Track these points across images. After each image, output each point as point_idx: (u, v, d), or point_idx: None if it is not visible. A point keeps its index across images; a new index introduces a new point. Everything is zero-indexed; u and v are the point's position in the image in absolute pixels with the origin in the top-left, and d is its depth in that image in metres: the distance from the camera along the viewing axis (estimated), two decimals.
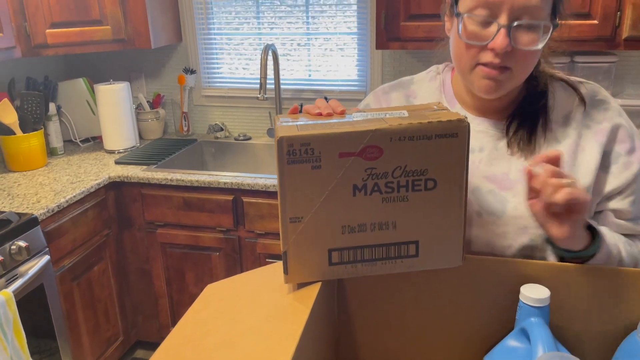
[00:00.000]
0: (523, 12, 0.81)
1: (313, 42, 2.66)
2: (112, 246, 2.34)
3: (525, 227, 0.91)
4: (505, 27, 0.81)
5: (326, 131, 0.70)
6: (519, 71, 0.86)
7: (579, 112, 0.94)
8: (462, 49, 0.87)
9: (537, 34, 0.82)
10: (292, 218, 0.72)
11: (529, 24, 0.81)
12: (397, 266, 0.76)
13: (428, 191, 0.73)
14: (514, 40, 0.82)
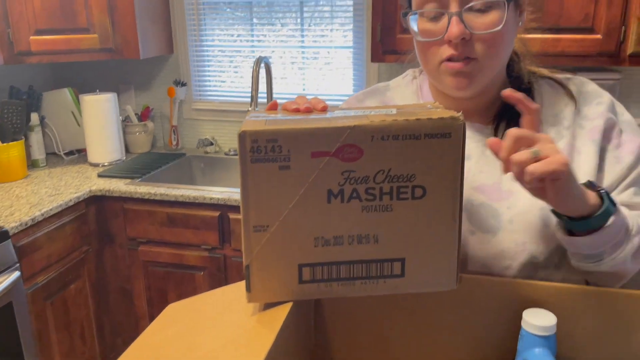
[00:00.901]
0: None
1: (307, 55, 2.58)
2: (91, 263, 2.22)
3: (523, 243, 0.81)
4: (456, 14, 0.75)
5: (296, 126, 0.60)
6: (485, 60, 0.78)
7: (570, 110, 0.86)
8: (423, 50, 0.82)
9: (496, 14, 0.75)
10: (256, 227, 0.62)
11: (482, 4, 0.75)
12: (379, 287, 0.65)
13: (416, 200, 0.63)
14: (470, 26, 0.76)
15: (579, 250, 0.73)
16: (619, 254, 0.73)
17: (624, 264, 0.74)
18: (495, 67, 0.81)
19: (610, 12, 1.84)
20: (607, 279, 0.78)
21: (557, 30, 1.90)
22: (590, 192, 0.70)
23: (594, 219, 0.70)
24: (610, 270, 0.75)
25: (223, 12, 2.63)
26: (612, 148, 0.84)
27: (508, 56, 0.84)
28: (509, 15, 0.76)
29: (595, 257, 0.73)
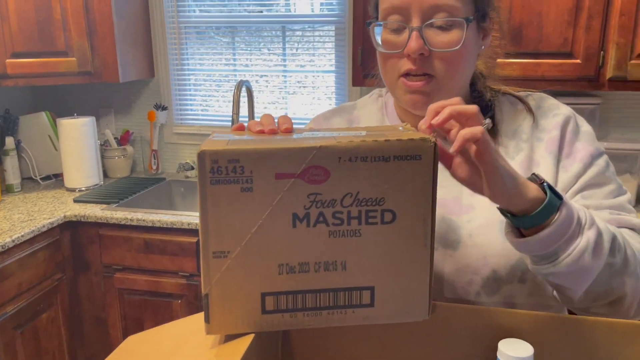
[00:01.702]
0: (435, 11, 0.75)
1: (290, 79, 2.57)
2: (65, 291, 2.15)
3: (485, 257, 0.81)
4: (417, 29, 0.75)
5: (260, 146, 0.57)
6: (444, 78, 0.78)
7: (528, 123, 0.86)
8: (383, 61, 0.82)
9: (456, 34, 0.76)
10: (216, 253, 0.58)
11: (444, 22, 0.75)
12: (347, 317, 0.62)
13: (385, 225, 0.60)
14: (429, 42, 0.76)
15: (532, 251, 0.68)
16: (574, 249, 0.67)
17: (581, 260, 0.67)
18: (454, 87, 0.80)
19: (589, 37, 1.85)
20: (570, 280, 0.71)
21: (537, 55, 1.91)
22: (532, 185, 0.66)
23: (537, 213, 0.65)
24: (569, 270, 0.68)
25: (205, 37, 2.62)
26: (564, 157, 0.84)
27: (469, 76, 0.84)
28: (470, 36, 0.77)
29: (550, 257, 0.68)
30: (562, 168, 0.84)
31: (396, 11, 0.77)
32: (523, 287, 0.83)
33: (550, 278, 0.71)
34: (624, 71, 1.85)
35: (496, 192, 0.64)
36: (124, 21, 2.37)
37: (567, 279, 0.70)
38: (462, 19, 0.75)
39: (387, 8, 0.78)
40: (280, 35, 2.53)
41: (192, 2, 2.58)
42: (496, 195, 0.64)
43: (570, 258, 0.67)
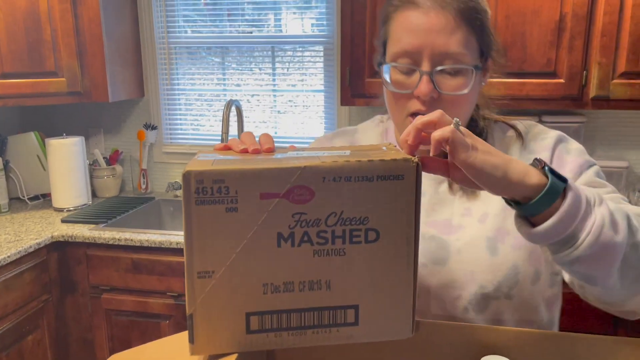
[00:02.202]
0: (445, 58, 0.79)
1: (279, 98, 2.59)
2: (51, 313, 2.12)
3: (472, 273, 0.84)
4: (427, 73, 0.79)
5: (245, 167, 0.57)
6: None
7: (517, 147, 0.90)
8: (391, 100, 0.85)
9: (464, 79, 0.80)
10: (201, 273, 0.58)
11: (452, 69, 0.79)
12: (332, 336, 0.62)
13: (369, 244, 0.61)
14: (439, 86, 0.80)
15: (549, 238, 0.65)
16: (592, 226, 0.64)
17: (602, 236, 0.64)
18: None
19: (572, 57, 1.89)
20: (597, 263, 0.66)
21: (522, 75, 1.94)
22: (532, 171, 0.64)
23: (541, 197, 0.63)
24: (593, 250, 0.64)
25: (196, 57, 2.64)
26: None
27: (471, 113, 0.88)
28: (476, 81, 0.82)
29: (570, 241, 0.64)
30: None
31: (407, 55, 0.80)
32: (510, 304, 0.85)
33: (577, 268, 0.67)
34: (607, 90, 1.88)
35: (487, 185, 0.63)
36: (114, 42, 2.39)
37: (593, 262, 0.66)
38: (470, 67, 0.80)
39: (398, 51, 0.81)
40: (270, 55, 2.56)
41: (184, 23, 2.61)
42: (490, 188, 0.64)
43: (591, 236, 0.63)
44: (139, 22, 2.59)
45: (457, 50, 0.78)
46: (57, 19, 2.23)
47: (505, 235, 0.87)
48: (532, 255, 0.86)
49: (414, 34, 0.80)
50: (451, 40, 0.78)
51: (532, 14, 1.89)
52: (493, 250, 0.85)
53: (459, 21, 0.79)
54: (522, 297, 0.85)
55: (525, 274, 0.86)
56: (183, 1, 2.58)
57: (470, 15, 0.79)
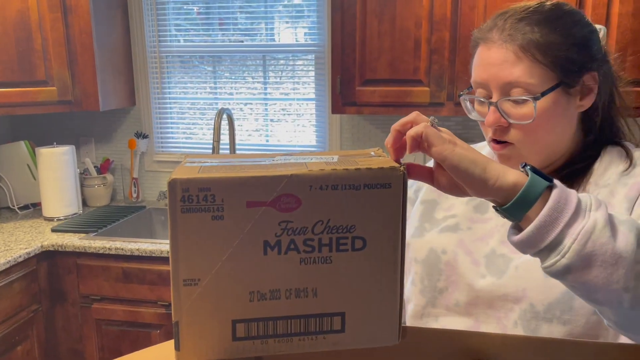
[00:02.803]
0: (511, 87, 0.83)
1: (271, 107, 2.60)
2: (41, 323, 2.11)
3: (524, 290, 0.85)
4: (493, 103, 0.84)
5: (231, 174, 0.58)
6: (524, 145, 0.85)
7: (619, 170, 0.86)
8: (481, 126, 0.91)
9: (529, 109, 0.82)
10: (187, 280, 0.58)
11: (516, 99, 0.82)
12: (318, 343, 0.62)
13: (356, 252, 0.61)
14: (507, 114, 0.84)
15: (534, 243, 0.62)
16: (580, 231, 0.60)
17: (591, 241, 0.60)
18: (539, 151, 0.86)
19: None
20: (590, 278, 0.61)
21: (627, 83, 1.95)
22: (512, 171, 0.63)
23: (521, 194, 0.61)
24: (583, 260, 0.60)
25: (187, 65, 2.64)
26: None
27: (562, 136, 0.87)
28: (547, 107, 0.82)
29: (556, 246, 0.61)
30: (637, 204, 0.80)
31: (480, 86, 0.87)
32: (564, 330, 0.82)
33: (572, 281, 0.62)
34: None
35: (468, 182, 0.62)
36: (105, 51, 2.39)
37: (586, 273, 0.61)
38: (530, 98, 0.81)
39: (474, 82, 0.88)
40: (261, 64, 2.57)
41: (177, 32, 2.62)
42: (469, 185, 0.63)
43: (578, 242, 0.59)
44: (130, 31, 2.60)
45: (519, 80, 0.82)
46: (48, 29, 2.23)
47: None
48: None
49: (482, 68, 0.86)
50: (514, 71, 0.82)
51: None
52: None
53: (521, 54, 0.82)
54: (580, 324, 0.80)
55: (583, 302, 0.74)
56: (175, 10, 2.59)
57: (534, 48, 0.82)
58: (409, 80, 2.04)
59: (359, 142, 2.48)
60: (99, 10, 2.33)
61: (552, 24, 0.83)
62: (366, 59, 2.06)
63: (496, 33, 0.84)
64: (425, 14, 1.98)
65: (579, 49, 0.83)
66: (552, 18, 0.83)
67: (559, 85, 0.82)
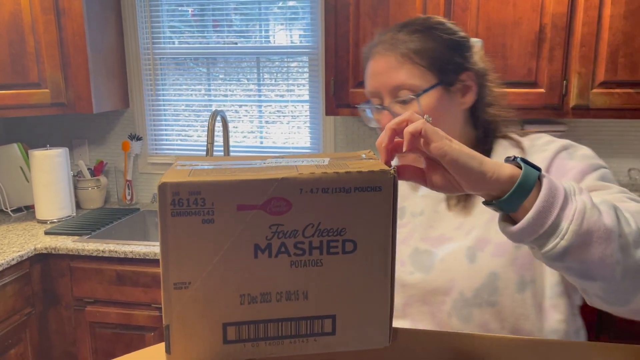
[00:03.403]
0: (399, 89, 0.92)
1: (265, 108, 2.60)
2: (34, 326, 2.10)
3: (452, 280, 0.89)
4: (385, 107, 0.94)
5: (221, 178, 0.58)
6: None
7: None
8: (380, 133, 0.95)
9: (415, 106, 0.91)
10: (177, 284, 0.58)
11: (404, 100, 0.92)
12: (309, 346, 0.62)
13: (346, 255, 0.61)
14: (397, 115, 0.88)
15: (532, 232, 0.63)
16: (574, 213, 0.63)
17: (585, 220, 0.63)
18: None
19: (552, 67, 1.92)
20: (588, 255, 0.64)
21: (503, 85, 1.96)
22: (506, 164, 0.65)
23: (518, 185, 0.63)
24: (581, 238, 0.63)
25: (180, 67, 2.64)
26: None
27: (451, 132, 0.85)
28: (430, 103, 0.91)
29: (554, 231, 0.63)
30: None
31: (374, 95, 0.96)
32: (494, 311, 0.87)
33: (569, 262, 0.64)
34: (586, 100, 1.92)
35: (467, 177, 0.63)
36: (99, 53, 2.39)
37: (584, 251, 0.63)
38: (414, 95, 0.91)
39: (368, 93, 0.97)
40: (255, 66, 2.57)
41: (171, 34, 2.61)
42: (467, 179, 0.63)
43: (574, 223, 0.62)
44: (124, 33, 2.60)
45: (404, 82, 0.91)
46: (41, 31, 2.23)
47: (486, 244, 0.89)
48: (515, 262, 0.87)
49: (372, 78, 0.95)
50: (398, 75, 0.92)
51: (513, 26, 1.92)
52: (472, 258, 0.89)
53: (402, 60, 0.92)
54: (506, 304, 0.86)
55: (506, 282, 0.87)
56: (169, 12, 2.59)
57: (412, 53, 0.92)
58: None
59: (353, 144, 2.48)
60: (92, 13, 2.33)
61: (426, 32, 0.94)
62: (360, 60, 2.06)
63: (380, 46, 0.95)
64: None
65: (452, 52, 0.94)
66: (425, 27, 0.94)
67: (439, 84, 0.92)
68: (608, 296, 0.69)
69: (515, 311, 0.86)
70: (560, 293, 0.87)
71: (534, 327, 0.87)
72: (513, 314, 0.87)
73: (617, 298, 0.69)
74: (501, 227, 0.67)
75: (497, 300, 0.86)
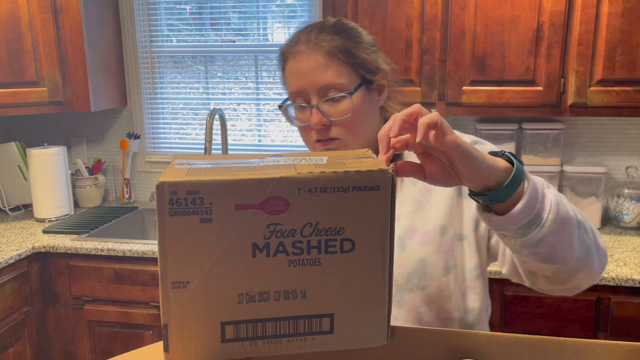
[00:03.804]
0: (327, 89, 0.94)
1: (263, 107, 2.60)
2: (33, 325, 2.10)
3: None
4: (315, 106, 0.94)
5: (219, 177, 0.58)
6: (347, 138, 0.96)
7: None
8: (302, 133, 1.01)
9: (346, 105, 0.93)
10: (175, 283, 0.58)
11: (333, 98, 0.94)
12: (307, 344, 0.62)
13: (344, 254, 0.61)
14: (327, 114, 0.94)
15: (520, 220, 0.69)
16: (550, 204, 0.71)
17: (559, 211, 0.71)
18: (360, 142, 0.96)
19: (550, 65, 1.92)
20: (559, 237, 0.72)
21: (501, 83, 1.97)
22: (497, 158, 0.70)
23: (514, 176, 0.68)
24: (555, 226, 0.71)
25: (178, 65, 2.64)
26: None
27: (372, 127, 0.99)
28: (359, 101, 0.94)
29: (535, 220, 0.70)
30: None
31: (298, 95, 0.96)
32: (423, 294, 0.95)
33: (542, 247, 0.72)
34: (584, 98, 1.92)
35: (473, 170, 0.66)
36: (96, 51, 2.38)
37: (557, 238, 0.72)
38: (346, 94, 0.93)
39: (292, 92, 0.97)
40: (253, 64, 2.57)
41: (169, 32, 2.61)
42: (474, 173, 0.66)
43: (552, 212, 0.70)
44: (122, 31, 2.59)
45: (333, 81, 0.93)
46: (39, 29, 2.22)
47: (414, 233, 0.97)
48: (440, 249, 0.95)
49: (297, 78, 0.96)
50: (326, 75, 0.93)
51: (510, 24, 1.92)
52: (402, 246, 0.96)
53: (328, 59, 0.93)
54: (434, 288, 0.95)
55: (434, 267, 0.95)
56: (167, 10, 2.59)
57: (338, 52, 0.94)
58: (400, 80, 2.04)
59: None
60: (89, 11, 2.32)
61: (346, 33, 0.96)
62: None
63: (303, 45, 0.96)
64: (416, 14, 1.98)
65: (370, 53, 0.98)
66: (345, 29, 0.97)
67: (363, 83, 0.96)
68: (555, 276, 0.79)
69: (442, 293, 0.95)
70: (477, 276, 0.97)
71: (456, 306, 0.96)
72: (440, 296, 0.95)
73: (562, 278, 0.79)
74: (485, 218, 0.72)
75: (427, 284, 0.95)
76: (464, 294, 0.97)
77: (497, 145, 2.31)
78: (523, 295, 1.79)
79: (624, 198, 2.16)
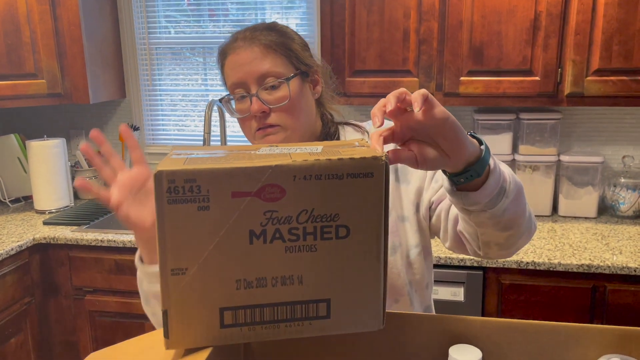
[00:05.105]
0: (265, 77, 0.98)
1: None
2: (34, 315, 2.12)
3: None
4: (254, 95, 0.99)
5: (216, 166, 0.59)
6: (288, 124, 1.00)
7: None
8: (242, 125, 1.04)
9: (283, 91, 0.98)
10: (174, 270, 0.60)
11: (272, 85, 0.98)
12: (304, 329, 0.64)
13: (340, 240, 0.62)
14: (266, 101, 0.99)
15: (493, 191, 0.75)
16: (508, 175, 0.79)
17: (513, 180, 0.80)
18: (298, 128, 1.01)
19: (547, 55, 1.93)
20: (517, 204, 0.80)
21: (499, 73, 1.98)
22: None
23: (485, 153, 0.73)
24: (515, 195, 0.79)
25: (176, 57, 2.64)
26: None
27: (310, 117, 1.05)
28: (296, 89, 1.00)
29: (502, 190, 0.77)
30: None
31: (238, 86, 1.00)
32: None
33: (507, 215, 0.79)
34: (581, 87, 1.93)
35: (460, 141, 0.69)
36: (95, 43, 2.38)
37: (517, 204, 0.80)
38: (284, 79, 0.98)
39: (232, 84, 1.01)
40: None
41: (167, 23, 2.61)
42: (462, 145, 0.69)
43: (511, 182, 0.78)
44: (120, 23, 2.59)
45: (270, 70, 0.98)
46: (36, 21, 2.22)
47: None
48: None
49: (236, 70, 1.00)
50: (264, 64, 0.98)
51: (507, 14, 1.92)
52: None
53: (265, 50, 0.99)
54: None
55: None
56: (165, 1, 2.58)
57: (274, 45, 1.00)
58: (398, 70, 2.05)
59: None
60: (87, 2, 2.32)
61: (280, 31, 1.03)
62: (355, 49, 2.07)
63: (241, 41, 1.01)
64: (413, 4, 1.99)
65: (303, 49, 1.04)
66: (279, 27, 1.04)
67: (298, 75, 1.01)
68: (507, 242, 0.85)
69: (391, 271, 1.02)
70: (419, 253, 1.05)
71: (403, 282, 1.04)
72: (390, 273, 1.01)
73: (511, 243, 0.86)
74: (458, 197, 0.76)
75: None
76: (409, 270, 1.06)
77: (496, 135, 2.32)
78: (519, 284, 1.81)
79: (620, 187, 2.18)
